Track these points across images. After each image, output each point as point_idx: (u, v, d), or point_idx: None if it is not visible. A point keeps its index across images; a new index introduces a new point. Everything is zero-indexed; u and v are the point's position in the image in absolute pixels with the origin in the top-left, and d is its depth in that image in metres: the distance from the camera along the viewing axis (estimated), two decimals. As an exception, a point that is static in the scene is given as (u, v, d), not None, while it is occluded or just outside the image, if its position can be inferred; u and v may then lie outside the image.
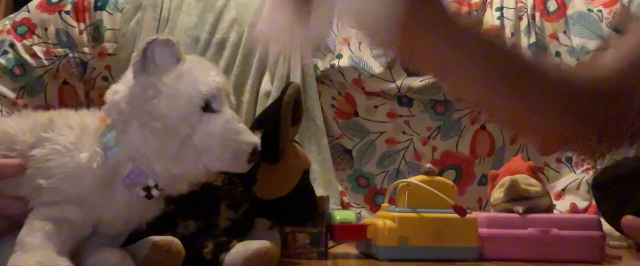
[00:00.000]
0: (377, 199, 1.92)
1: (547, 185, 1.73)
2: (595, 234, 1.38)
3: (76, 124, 0.99)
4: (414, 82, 1.88)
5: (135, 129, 0.97)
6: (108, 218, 0.99)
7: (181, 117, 0.97)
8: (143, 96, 0.97)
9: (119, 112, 0.98)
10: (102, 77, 1.91)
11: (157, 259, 1.02)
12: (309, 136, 1.87)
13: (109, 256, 0.99)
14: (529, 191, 1.41)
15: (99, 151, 0.96)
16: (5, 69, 1.86)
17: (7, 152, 0.96)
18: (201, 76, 1.00)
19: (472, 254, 1.33)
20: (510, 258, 1.36)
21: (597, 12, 1.95)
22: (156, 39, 0.99)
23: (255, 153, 1.01)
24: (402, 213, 1.32)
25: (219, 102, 1.00)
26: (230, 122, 1.00)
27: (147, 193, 0.98)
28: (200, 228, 1.16)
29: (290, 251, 1.30)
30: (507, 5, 1.98)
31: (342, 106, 1.92)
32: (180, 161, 0.98)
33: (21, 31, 1.90)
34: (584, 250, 1.37)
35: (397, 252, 1.30)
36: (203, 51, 1.88)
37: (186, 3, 1.95)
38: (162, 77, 0.98)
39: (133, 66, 0.98)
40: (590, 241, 1.37)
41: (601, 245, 1.39)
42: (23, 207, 0.95)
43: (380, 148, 1.92)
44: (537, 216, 1.40)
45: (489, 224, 1.38)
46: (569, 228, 1.37)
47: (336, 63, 1.88)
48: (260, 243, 1.08)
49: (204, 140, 0.98)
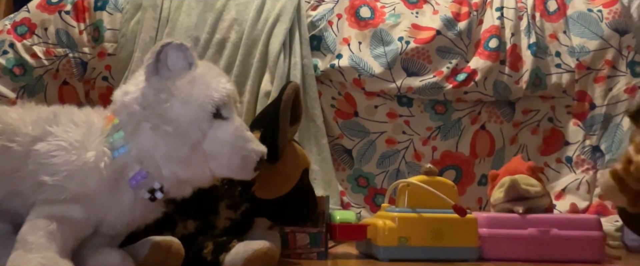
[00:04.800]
0: (377, 199, 1.92)
1: (547, 185, 1.73)
2: (595, 234, 1.38)
3: (81, 121, 0.99)
4: (414, 82, 1.88)
5: (145, 131, 0.97)
6: (111, 219, 0.99)
7: (193, 122, 0.97)
8: (155, 99, 0.98)
9: (129, 114, 0.99)
10: (102, 77, 1.91)
11: (157, 259, 1.02)
12: (309, 136, 1.87)
13: (109, 256, 0.99)
14: (529, 191, 1.41)
15: (107, 150, 0.97)
16: (5, 69, 1.86)
17: (7, 143, 0.96)
18: (213, 83, 1.00)
19: (472, 254, 1.33)
20: (510, 258, 1.36)
21: (597, 12, 1.96)
22: (170, 43, 0.99)
23: (262, 161, 1.02)
24: (402, 213, 1.32)
25: (229, 109, 1.01)
26: (239, 130, 1.01)
27: (152, 195, 0.99)
28: (200, 228, 1.16)
29: (290, 251, 1.30)
30: (507, 5, 1.98)
31: (342, 106, 1.92)
32: (189, 165, 0.98)
33: (21, 31, 1.90)
34: (584, 250, 1.37)
35: (397, 252, 1.30)
36: (203, 51, 1.88)
37: (186, 3, 1.95)
38: (175, 81, 0.98)
39: (146, 68, 0.98)
40: (590, 241, 1.37)
41: (601, 245, 1.39)
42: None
43: (380, 148, 1.92)
44: (537, 216, 1.40)
45: (489, 224, 1.38)
46: (569, 228, 1.37)
47: (336, 63, 1.88)
48: (260, 243, 1.08)
49: (213, 146, 0.99)
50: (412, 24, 1.93)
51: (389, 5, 1.98)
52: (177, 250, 1.03)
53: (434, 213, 1.32)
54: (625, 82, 1.90)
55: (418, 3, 1.99)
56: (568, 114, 1.95)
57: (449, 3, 1.99)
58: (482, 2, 2.00)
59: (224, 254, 1.09)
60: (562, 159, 1.94)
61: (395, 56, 1.88)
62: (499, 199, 1.44)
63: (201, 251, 1.11)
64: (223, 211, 1.17)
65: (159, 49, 0.98)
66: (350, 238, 1.38)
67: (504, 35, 1.94)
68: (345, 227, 1.34)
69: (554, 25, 1.97)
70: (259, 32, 1.91)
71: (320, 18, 1.95)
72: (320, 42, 1.93)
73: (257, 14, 1.93)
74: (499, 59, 1.91)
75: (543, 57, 1.93)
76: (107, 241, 1.02)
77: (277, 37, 1.90)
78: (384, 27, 1.92)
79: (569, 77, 1.91)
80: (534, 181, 1.44)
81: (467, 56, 1.93)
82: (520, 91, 1.91)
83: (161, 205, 1.04)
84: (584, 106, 1.92)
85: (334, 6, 1.97)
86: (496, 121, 1.94)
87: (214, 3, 1.95)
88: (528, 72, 1.90)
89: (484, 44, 1.92)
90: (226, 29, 1.92)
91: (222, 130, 0.99)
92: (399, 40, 1.89)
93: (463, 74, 1.89)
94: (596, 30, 1.93)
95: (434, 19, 1.94)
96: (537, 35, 1.94)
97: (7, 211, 0.98)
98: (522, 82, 1.90)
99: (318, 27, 1.94)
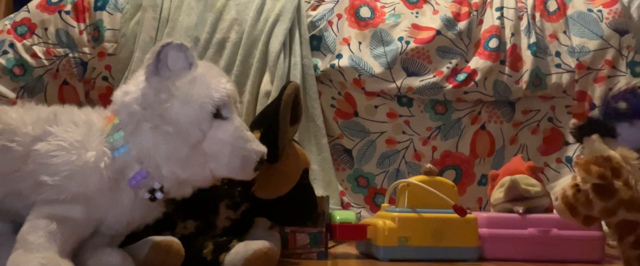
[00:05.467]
0: (377, 199, 1.92)
1: (547, 185, 1.73)
2: (595, 234, 1.37)
3: (81, 121, 0.99)
4: (414, 82, 1.88)
5: (146, 132, 0.98)
6: (111, 219, 0.99)
7: (193, 122, 0.98)
8: (156, 99, 0.98)
9: (129, 114, 0.99)
10: (102, 77, 1.91)
11: (157, 259, 1.02)
12: (309, 136, 1.87)
13: (109, 256, 0.99)
14: (529, 191, 1.41)
15: (107, 150, 0.97)
16: (5, 69, 1.86)
17: (7, 142, 0.96)
18: (213, 83, 1.01)
19: (472, 254, 1.33)
20: (510, 258, 1.37)
21: (597, 12, 1.95)
22: (170, 43, 0.99)
23: (262, 161, 1.02)
24: (402, 213, 1.32)
25: (229, 109, 1.01)
26: (239, 130, 1.01)
27: (152, 195, 0.99)
28: (200, 228, 1.16)
29: (290, 251, 1.30)
30: (507, 5, 1.98)
31: (342, 106, 1.92)
32: (189, 165, 0.99)
33: (21, 31, 1.90)
34: (584, 250, 1.37)
35: (397, 252, 1.30)
36: (203, 51, 1.88)
37: (186, 3, 1.95)
38: (175, 81, 0.98)
39: (146, 68, 0.98)
40: (590, 241, 1.37)
41: (601, 245, 1.39)
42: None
43: (380, 148, 1.92)
44: (537, 216, 1.40)
45: (489, 224, 1.38)
46: (569, 228, 1.37)
47: (336, 63, 1.88)
48: (260, 244, 1.08)
49: (213, 146, 0.99)
50: (412, 24, 1.93)
51: (389, 5, 1.98)
52: (177, 250, 1.03)
53: (434, 213, 1.32)
54: (626, 82, 1.89)
55: (418, 3, 2.00)
56: (568, 114, 1.95)
57: (449, 3, 1.99)
58: (482, 2, 2.00)
59: (224, 254, 1.09)
60: (562, 159, 1.93)
61: (395, 56, 1.88)
62: (499, 199, 1.44)
63: (201, 251, 1.11)
64: (223, 211, 1.17)
65: (159, 49, 0.98)
66: (350, 238, 1.38)
67: (504, 35, 1.94)
68: (345, 227, 1.34)
69: (554, 25, 1.97)
70: (259, 32, 1.91)
71: (320, 18, 1.95)
72: (320, 42, 1.93)
73: (257, 14, 1.93)
74: (499, 59, 1.91)
75: (543, 57, 1.93)
76: (107, 241, 1.02)
77: (277, 37, 1.90)
78: (384, 27, 1.92)
79: (569, 77, 1.91)
80: (534, 181, 1.44)
81: (467, 56, 1.93)
82: (520, 91, 1.91)
83: (161, 205, 1.04)
84: (584, 106, 1.92)
85: (334, 6, 1.97)
86: (496, 121, 1.94)
87: (214, 3, 1.95)
88: (528, 72, 1.90)
89: (484, 44, 1.92)
90: (226, 29, 1.92)
91: (222, 130, 0.99)
92: (399, 41, 1.89)
93: (463, 74, 1.89)
94: (596, 30, 1.93)
95: (434, 19, 1.94)
96: (537, 35, 1.94)
97: (7, 211, 0.98)
98: (522, 82, 1.90)
99: (318, 27, 1.94)
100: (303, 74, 1.87)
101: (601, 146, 1.01)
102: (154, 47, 1.00)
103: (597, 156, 1.00)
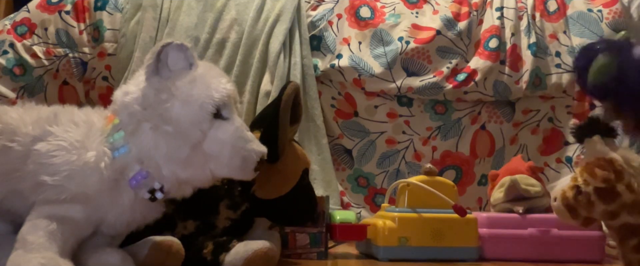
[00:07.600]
0: (377, 199, 1.92)
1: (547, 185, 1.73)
2: (595, 234, 1.38)
3: (81, 121, 0.99)
4: (414, 82, 1.88)
5: (146, 132, 0.98)
6: (111, 219, 0.99)
7: (193, 122, 0.98)
8: (156, 99, 0.98)
9: (129, 114, 0.99)
10: (102, 77, 1.91)
11: (157, 259, 1.02)
12: (309, 136, 1.87)
13: (109, 256, 0.99)
14: (529, 191, 1.41)
15: (107, 150, 0.97)
16: (5, 69, 1.86)
17: (7, 142, 0.96)
18: (214, 83, 1.01)
19: (472, 254, 1.33)
20: (510, 258, 1.37)
21: (597, 12, 1.96)
22: (170, 43, 0.99)
23: (262, 161, 1.02)
24: (402, 213, 1.32)
25: (229, 109, 1.01)
26: (239, 130, 1.01)
27: (152, 195, 0.99)
28: (200, 228, 1.16)
29: (290, 251, 1.30)
30: (507, 5, 1.98)
31: (342, 106, 1.92)
32: (189, 165, 0.99)
33: (21, 31, 1.90)
34: (584, 250, 1.37)
35: (397, 252, 1.30)
36: (203, 51, 1.88)
37: (186, 3, 1.95)
38: (175, 82, 0.98)
39: (146, 68, 0.98)
40: (590, 241, 1.37)
41: (601, 245, 1.39)
42: None
43: (380, 148, 1.92)
44: (537, 216, 1.40)
45: (489, 224, 1.38)
46: (569, 228, 1.37)
47: (336, 63, 1.88)
48: (260, 244, 1.08)
49: (213, 146, 0.99)
50: (412, 24, 1.93)
51: (389, 5, 1.98)
52: (177, 250, 1.03)
53: (434, 213, 1.32)
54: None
55: (418, 3, 2.00)
56: (568, 114, 1.95)
57: (449, 3, 1.99)
58: (482, 2, 2.00)
59: (224, 254, 1.09)
60: (562, 159, 1.94)
61: (395, 56, 1.88)
62: (499, 199, 1.44)
63: (201, 251, 1.11)
64: (223, 211, 1.17)
65: (159, 49, 0.98)
66: (350, 238, 1.38)
67: (504, 35, 1.94)
68: (345, 227, 1.34)
69: (554, 25, 1.97)
70: (259, 32, 1.91)
71: (320, 18, 1.95)
72: (320, 42, 1.93)
73: (257, 14, 1.93)
74: (499, 59, 1.91)
75: (543, 57, 1.93)
76: (107, 241, 1.02)
77: (277, 37, 1.90)
78: (384, 27, 1.92)
79: (569, 77, 1.91)
80: (534, 181, 1.44)
81: (467, 56, 1.93)
82: (520, 91, 1.91)
83: (161, 205, 1.04)
84: (584, 106, 1.92)
85: (334, 6, 1.97)
86: (496, 121, 1.94)
87: (214, 3, 1.95)
88: (528, 72, 1.90)
89: (484, 44, 1.92)
90: (226, 29, 1.92)
91: (223, 130, 0.99)
92: (399, 40, 1.89)
93: (463, 74, 1.89)
94: (596, 30, 1.93)
95: (434, 19, 1.94)
96: (537, 35, 1.94)
97: (7, 211, 0.98)
98: (522, 82, 1.90)
99: (318, 27, 1.94)
100: (303, 74, 1.87)
101: (602, 147, 1.00)
102: (154, 47, 1.00)
103: (599, 158, 0.99)
